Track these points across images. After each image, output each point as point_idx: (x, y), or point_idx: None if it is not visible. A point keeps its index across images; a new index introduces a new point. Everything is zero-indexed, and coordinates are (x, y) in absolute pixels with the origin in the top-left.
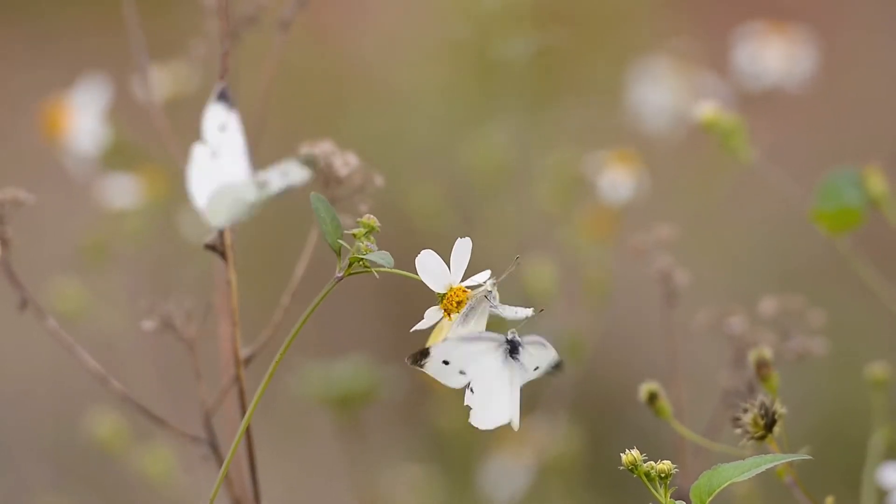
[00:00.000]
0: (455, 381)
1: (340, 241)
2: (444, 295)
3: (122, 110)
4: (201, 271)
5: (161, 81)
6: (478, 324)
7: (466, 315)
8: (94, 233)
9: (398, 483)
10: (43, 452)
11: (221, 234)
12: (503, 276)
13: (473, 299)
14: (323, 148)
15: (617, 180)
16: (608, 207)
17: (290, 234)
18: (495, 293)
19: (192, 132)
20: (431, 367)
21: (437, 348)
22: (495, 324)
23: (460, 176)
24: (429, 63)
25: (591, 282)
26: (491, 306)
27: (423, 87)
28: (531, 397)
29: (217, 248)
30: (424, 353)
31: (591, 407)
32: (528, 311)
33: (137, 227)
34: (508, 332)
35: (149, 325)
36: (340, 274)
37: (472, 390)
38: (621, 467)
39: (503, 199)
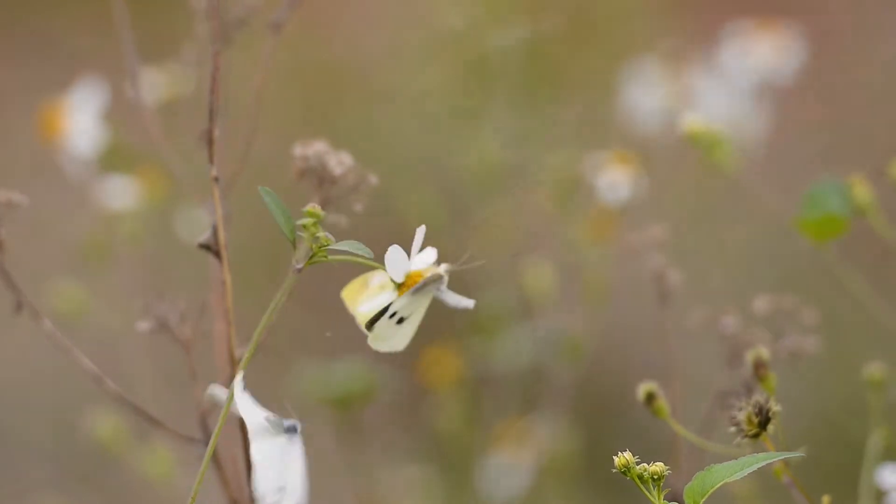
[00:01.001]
0: (394, 330)
1: (298, 233)
2: (402, 283)
3: (120, 111)
4: (197, 271)
5: (155, 83)
6: (425, 300)
7: (417, 290)
8: (91, 233)
9: (397, 483)
10: (43, 452)
11: (215, 232)
12: (459, 265)
13: (428, 277)
14: (316, 147)
15: (616, 181)
16: (607, 208)
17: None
18: (445, 278)
19: (187, 134)
20: (381, 323)
21: (397, 304)
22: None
23: (454, 175)
24: (423, 61)
25: (590, 283)
26: (437, 289)
27: (417, 85)
28: (531, 398)
29: (211, 247)
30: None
31: (590, 407)
32: (470, 302)
33: (134, 228)
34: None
35: (144, 325)
36: (299, 265)
37: (400, 323)
38: (614, 469)
39: (498, 198)
